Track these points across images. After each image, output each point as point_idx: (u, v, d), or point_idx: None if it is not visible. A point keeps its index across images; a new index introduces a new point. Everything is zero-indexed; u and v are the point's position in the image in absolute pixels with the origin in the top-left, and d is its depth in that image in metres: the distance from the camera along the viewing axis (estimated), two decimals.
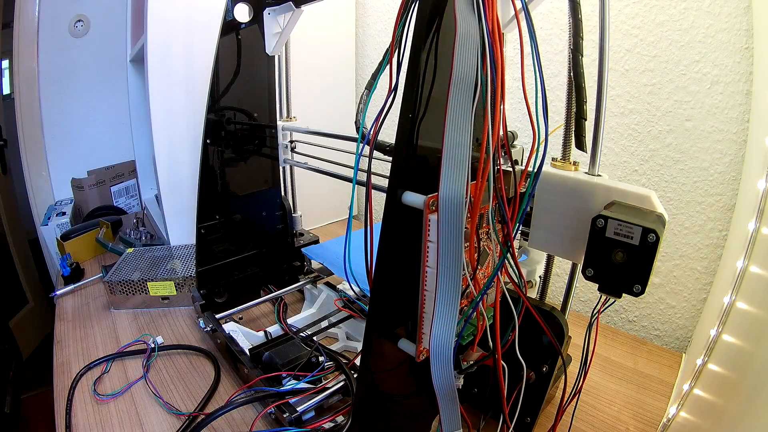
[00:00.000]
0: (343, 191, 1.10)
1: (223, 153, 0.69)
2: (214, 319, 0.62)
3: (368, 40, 1.07)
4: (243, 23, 0.65)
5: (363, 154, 0.37)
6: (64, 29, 1.37)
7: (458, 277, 0.29)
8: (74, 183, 1.28)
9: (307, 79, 0.95)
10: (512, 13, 0.35)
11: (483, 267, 0.37)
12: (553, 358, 0.43)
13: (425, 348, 0.34)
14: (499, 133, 0.30)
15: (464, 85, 0.27)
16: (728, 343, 0.45)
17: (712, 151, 0.60)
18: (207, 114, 0.65)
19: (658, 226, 0.30)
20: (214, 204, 0.69)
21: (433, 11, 0.29)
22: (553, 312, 0.43)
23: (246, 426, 0.49)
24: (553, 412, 0.44)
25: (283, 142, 0.71)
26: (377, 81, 0.37)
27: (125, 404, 0.52)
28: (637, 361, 0.63)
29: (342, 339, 0.65)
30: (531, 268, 0.48)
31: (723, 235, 0.62)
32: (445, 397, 0.31)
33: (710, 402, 0.45)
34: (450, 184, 0.27)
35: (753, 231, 0.45)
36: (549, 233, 0.39)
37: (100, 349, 0.62)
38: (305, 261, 0.79)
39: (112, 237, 0.99)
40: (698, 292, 0.65)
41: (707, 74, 0.59)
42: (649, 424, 0.51)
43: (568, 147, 0.39)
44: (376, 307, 0.34)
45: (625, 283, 0.32)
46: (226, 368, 0.59)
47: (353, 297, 0.66)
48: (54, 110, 1.39)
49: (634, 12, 0.63)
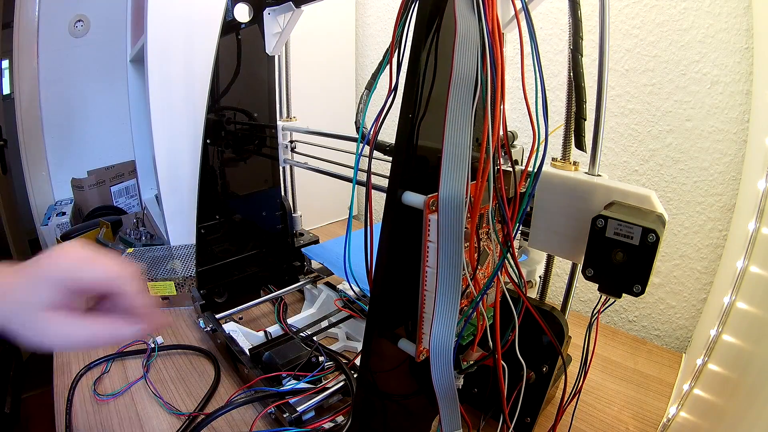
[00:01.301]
0: (343, 191, 1.10)
1: (223, 153, 0.69)
2: (214, 319, 0.62)
3: (368, 40, 1.07)
4: (243, 23, 0.65)
5: (363, 154, 0.37)
6: (64, 29, 1.37)
7: (458, 277, 0.29)
8: (74, 183, 1.28)
9: (307, 79, 0.95)
10: (512, 13, 0.35)
11: (483, 267, 0.37)
12: (553, 358, 0.43)
13: (425, 348, 0.34)
14: (499, 133, 0.30)
15: (464, 85, 0.27)
16: (728, 343, 0.45)
17: (712, 151, 0.60)
18: (207, 114, 0.65)
19: (658, 226, 0.30)
20: (214, 204, 0.69)
21: (433, 11, 0.29)
22: (553, 312, 0.43)
23: (246, 426, 0.49)
24: (553, 412, 0.44)
25: (283, 142, 0.71)
26: (377, 81, 0.37)
27: (125, 404, 0.52)
28: (637, 361, 0.63)
29: (342, 339, 0.65)
30: (531, 268, 0.48)
31: (723, 235, 0.62)
32: (445, 397, 0.31)
33: (710, 402, 0.45)
34: (450, 184, 0.27)
35: (753, 231, 0.45)
36: (549, 233, 0.39)
37: (100, 349, 0.62)
38: (305, 261, 0.79)
39: (112, 237, 0.99)
40: (698, 292, 0.65)
41: (707, 74, 0.59)
42: (649, 424, 0.51)
43: (568, 147, 0.39)
44: (376, 307, 0.34)
45: (625, 283, 0.32)
46: (226, 368, 0.59)
47: (353, 297, 0.66)
48: (54, 110, 1.39)
49: (634, 12, 0.63)
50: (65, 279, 0.34)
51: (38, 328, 0.33)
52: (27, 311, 0.33)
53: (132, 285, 0.36)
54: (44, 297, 0.33)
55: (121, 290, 0.36)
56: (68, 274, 0.35)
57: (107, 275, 0.36)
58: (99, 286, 0.36)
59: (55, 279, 0.34)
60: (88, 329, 0.35)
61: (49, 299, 0.34)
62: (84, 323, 0.35)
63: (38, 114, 1.37)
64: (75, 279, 0.35)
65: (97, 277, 0.35)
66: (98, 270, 0.36)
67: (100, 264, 0.36)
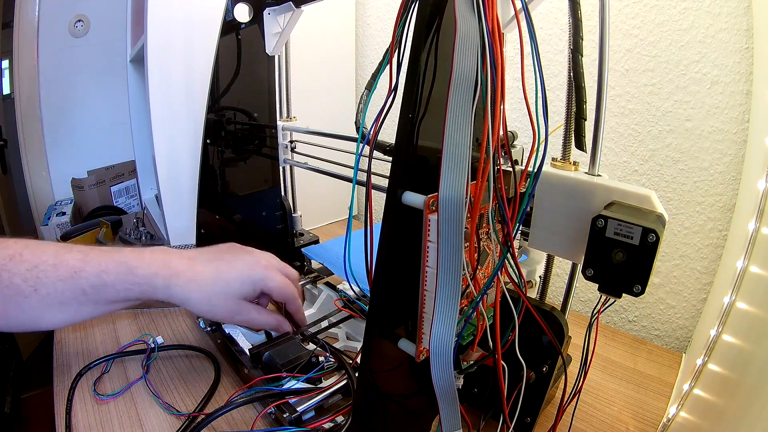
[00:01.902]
0: (343, 191, 1.10)
1: (223, 153, 0.69)
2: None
3: (368, 40, 1.07)
4: (243, 23, 0.65)
5: (363, 154, 0.37)
6: (64, 29, 1.37)
7: (458, 277, 0.29)
8: (74, 183, 1.28)
9: (307, 79, 0.95)
10: (512, 13, 0.35)
11: (483, 267, 0.37)
12: (553, 358, 0.43)
13: (425, 348, 0.34)
14: (499, 133, 0.30)
15: (464, 85, 0.27)
16: (728, 343, 0.45)
17: (712, 151, 0.60)
18: (207, 114, 0.65)
19: (658, 226, 0.30)
20: (214, 204, 0.69)
21: (433, 11, 0.29)
22: (553, 312, 0.43)
23: (246, 426, 0.49)
24: (553, 412, 0.44)
25: (283, 142, 0.71)
26: (377, 81, 0.37)
27: (125, 404, 0.52)
28: (637, 361, 0.63)
29: (342, 339, 0.65)
30: (531, 268, 0.48)
31: (723, 235, 0.62)
32: (445, 397, 0.31)
33: (710, 402, 0.45)
34: (450, 184, 0.27)
35: (753, 231, 0.45)
36: (549, 233, 0.39)
37: (100, 349, 0.62)
38: (305, 261, 0.79)
39: (112, 237, 0.99)
40: (698, 292, 0.65)
41: (707, 74, 0.59)
42: (649, 424, 0.51)
43: (568, 147, 0.39)
44: (376, 307, 0.34)
45: (625, 283, 0.32)
46: (226, 368, 0.59)
47: (353, 297, 0.66)
48: (54, 110, 1.39)
49: (634, 12, 0.63)
50: (260, 282, 0.48)
51: (232, 311, 0.47)
52: (224, 298, 0.46)
53: (299, 301, 0.54)
54: (242, 291, 0.47)
55: (290, 301, 0.52)
56: (262, 279, 0.48)
57: (288, 289, 0.50)
58: (278, 294, 0.50)
59: (254, 280, 0.47)
60: (265, 318, 0.50)
61: (245, 292, 0.47)
62: (263, 313, 0.50)
63: (38, 114, 1.37)
64: (266, 284, 0.48)
65: (280, 287, 0.49)
66: (282, 282, 0.49)
67: (285, 278, 0.50)
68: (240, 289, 0.47)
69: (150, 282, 0.43)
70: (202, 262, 0.47)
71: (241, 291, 0.47)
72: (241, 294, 0.47)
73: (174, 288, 0.43)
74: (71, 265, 0.41)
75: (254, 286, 0.47)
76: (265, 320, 0.50)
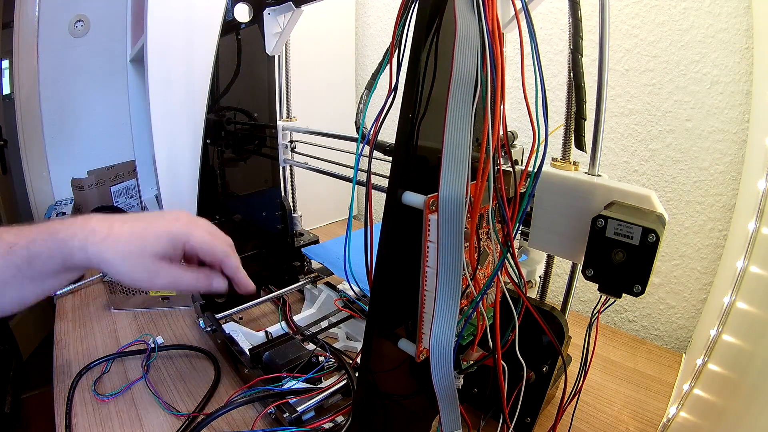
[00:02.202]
0: (343, 191, 1.10)
1: (223, 153, 0.69)
2: (214, 319, 0.62)
3: (368, 40, 1.07)
4: (243, 23, 0.65)
5: (363, 154, 0.37)
6: (64, 29, 1.37)
7: (458, 277, 0.29)
8: (74, 183, 1.28)
9: (307, 79, 0.95)
10: (512, 13, 0.35)
11: (483, 267, 0.37)
12: (553, 358, 0.43)
13: (425, 348, 0.34)
14: (499, 133, 0.30)
15: (464, 85, 0.27)
16: (728, 343, 0.45)
17: (712, 151, 0.60)
18: (207, 114, 0.65)
19: (658, 226, 0.30)
20: (214, 204, 0.69)
21: (433, 11, 0.29)
22: (553, 312, 0.43)
23: (246, 426, 0.49)
24: (553, 412, 0.44)
25: (283, 142, 0.71)
26: (377, 81, 0.37)
27: (125, 404, 0.52)
28: (637, 361, 0.63)
29: (342, 339, 0.65)
30: (531, 268, 0.48)
31: (723, 235, 0.62)
32: (445, 397, 0.31)
33: (710, 402, 0.45)
34: (450, 184, 0.27)
35: (753, 231, 0.45)
36: (549, 233, 0.39)
37: (100, 349, 0.62)
38: (305, 261, 0.79)
39: None
40: (698, 292, 0.65)
41: (707, 74, 0.59)
42: (649, 424, 0.51)
43: (568, 147, 0.39)
44: (376, 307, 0.34)
45: (625, 283, 0.32)
46: (226, 368, 0.59)
47: (353, 297, 0.66)
48: (54, 110, 1.39)
49: (634, 12, 0.63)
50: (180, 236, 0.43)
51: (149, 271, 0.41)
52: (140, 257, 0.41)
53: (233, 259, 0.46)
54: (160, 248, 0.41)
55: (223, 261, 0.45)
56: (184, 234, 0.43)
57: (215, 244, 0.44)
58: (204, 252, 0.44)
59: (173, 235, 0.42)
60: (191, 276, 0.44)
61: (163, 250, 0.42)
62: (188, 271, 0.44)
63: (38, 114, 1.37)
64: (188, 239, 0.43)
65: (205, 242, 0.44)
66: (208, 238, 0.44)
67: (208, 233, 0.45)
68: (156, 246, 0.41)
69: (68, 244, 0.40)
70: (122, 220, 0.42)
71: (159, 248, 0.42)
72: (159, 252, 0.42)
73: (90, 248, 0.40)
74: (7, 241, 0.39)
75: (173, 242, 0.42)
76: (190, 279, 0.43)
